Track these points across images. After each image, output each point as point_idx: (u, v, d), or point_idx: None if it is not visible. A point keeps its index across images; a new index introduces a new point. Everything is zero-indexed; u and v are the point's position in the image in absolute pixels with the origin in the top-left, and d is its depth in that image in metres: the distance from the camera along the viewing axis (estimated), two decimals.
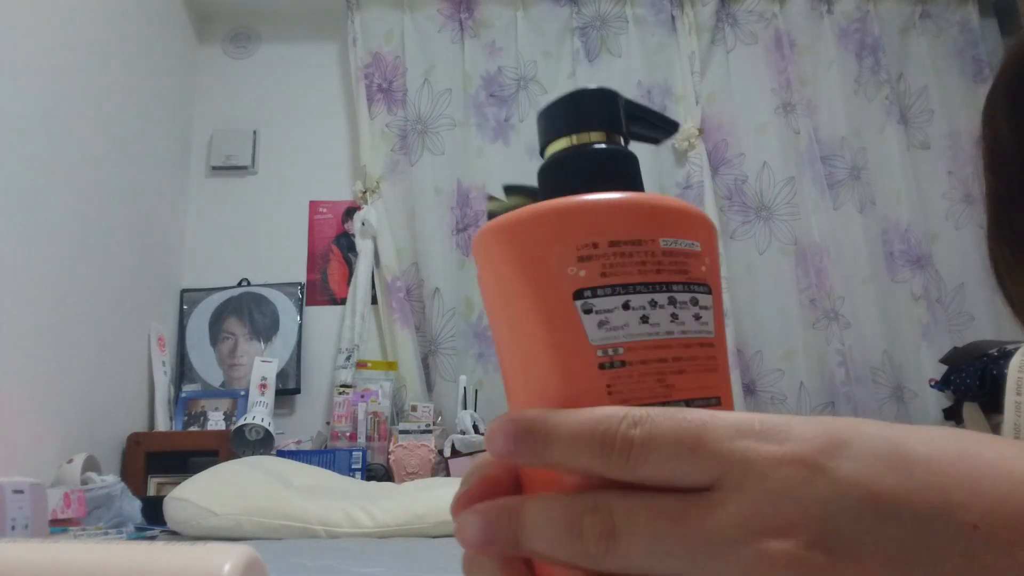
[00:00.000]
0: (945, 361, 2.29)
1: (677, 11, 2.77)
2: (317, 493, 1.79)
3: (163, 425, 2.31)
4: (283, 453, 2.20)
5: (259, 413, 2.25)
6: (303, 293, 2.62)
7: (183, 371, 2.51)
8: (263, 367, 2.41)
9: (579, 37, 2.75)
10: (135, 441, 2.16)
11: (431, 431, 2.24)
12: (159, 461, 2.14)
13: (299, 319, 2.58)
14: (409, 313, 2.53)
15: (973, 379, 2.11)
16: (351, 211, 2.68)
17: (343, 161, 2.75)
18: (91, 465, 1.81)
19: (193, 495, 1.70)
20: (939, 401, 2.42)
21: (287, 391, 2.51)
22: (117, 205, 2.17)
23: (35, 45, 1.79)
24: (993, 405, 2.04)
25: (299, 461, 2.06)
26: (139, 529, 1.72)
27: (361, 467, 2.18)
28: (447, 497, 1.20)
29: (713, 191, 2.62)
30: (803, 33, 2.77)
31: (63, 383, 1.86)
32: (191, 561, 0.39)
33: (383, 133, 2.68)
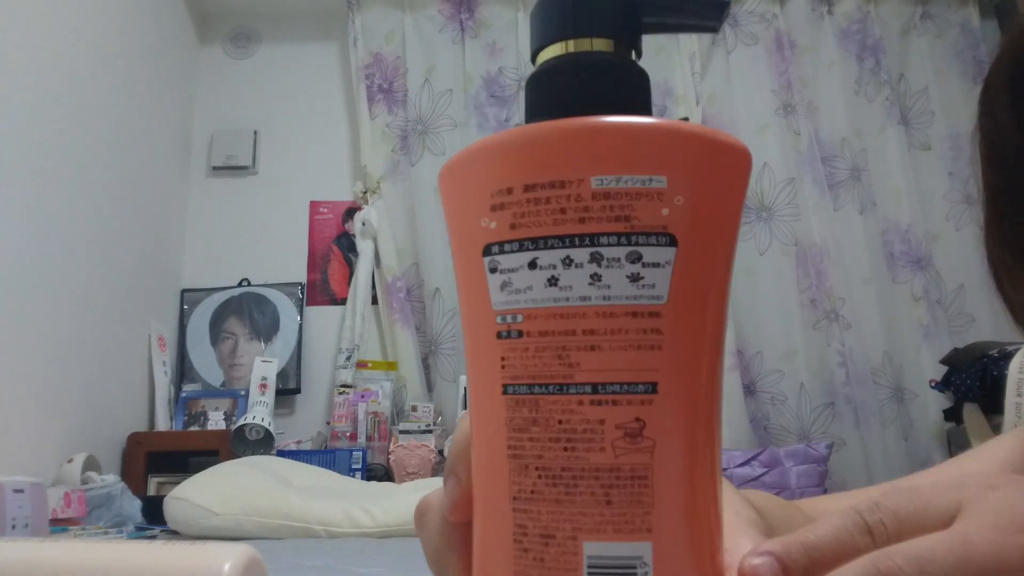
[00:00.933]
0: (945, 362, 2.29)
1: None
2: (317, 493, 1.79)
3: (163, 425, 2.31)
4: (283, 453, 2.20)
5: (259, 413, 2.25)
6: (303, 293, 2.62)
7: (183, 371, 2.52)
8: (263, 367, 2.42)
9: None
10: (135, 441, 2.16)
11: (431, 431, 2.25)
12: (159, 461, 2.14)
13: (299, 319, 2.58)
14: (409, 313, 2.54)
15: (973, 380, 2.11)
16: (352, 211, 2.68)
17: (344, 161, 2.76)
18: (91, 465, 1.81)
19: (193, 495, 1.70)
20: (939, 402, 2.42)
21: (287, 391, 2.51)
22: (117, 205, 2.17)
23: (35, 45, 1.79)
24: (993, 406, 2.04)
25: (299, 461, 2.06)
26: (139, 529, 1.72)
27: (361, 467, 2.19)
28: None
29: None
30: (804, 34, 2.77)
31: (63, 383, 1.86)
32: (191, 560, 0.39)
33: (384, 133, 2.68)
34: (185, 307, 2.58)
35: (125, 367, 2.21)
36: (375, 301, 2.60)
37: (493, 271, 0.22)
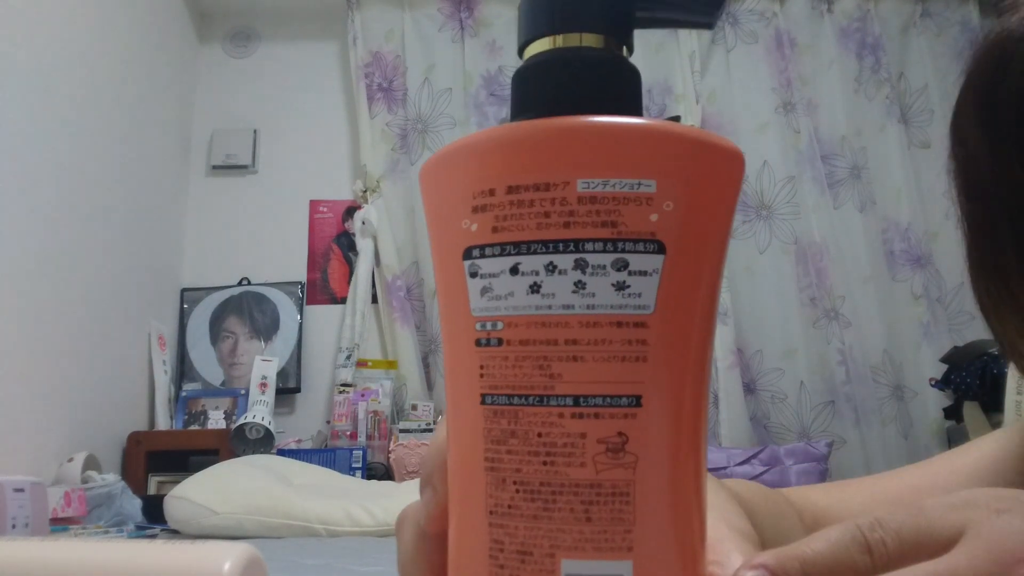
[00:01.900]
0: (945, 360, 2.29)
1: None
2: (317, 492, 1.79)
3: (163, 424, 2.31)
4: (283, 452, 2.20)
5: (259, 412, 2.25)
6: (303, 292, 2.62)
7: (183, 370, 2.52)
8: (263, 366, 2.42)
9: None
10: (135, 440, 2.16)
11: (431, 430, 2.24)
12: (159, 460, 2.14)
13: (299, 318, 2.58)
14: (409, 312, 2.54)
15: (973, 378, 2.11)
16: (351, 210, 2.68)
17: (343, 160, 2.75)
18: (91, 464, 1.82)
19: (193, 494, 1.71)
20: (939, 400, 2.42)
21: (287, 390, 2.51)
22: (117, 204, 2.17)
23: (34, 44, 1.79)
24: (993, 404, 2.04)
25: (299, 460, 2.06)
26: (139, 528, 1.72)
27: (361, 466, 2.19)
28: None
29: None
30: (803, 32, 2.77)
31: (63, 382, 1.86)
32: (191, 559, 0.39)
33: (383, 132, 2.68)
34: (185, 306, 2.58)
35: (125, 366, 2.21)
36: (375, 300, 2.60)
37: (473, 275, 0.21)
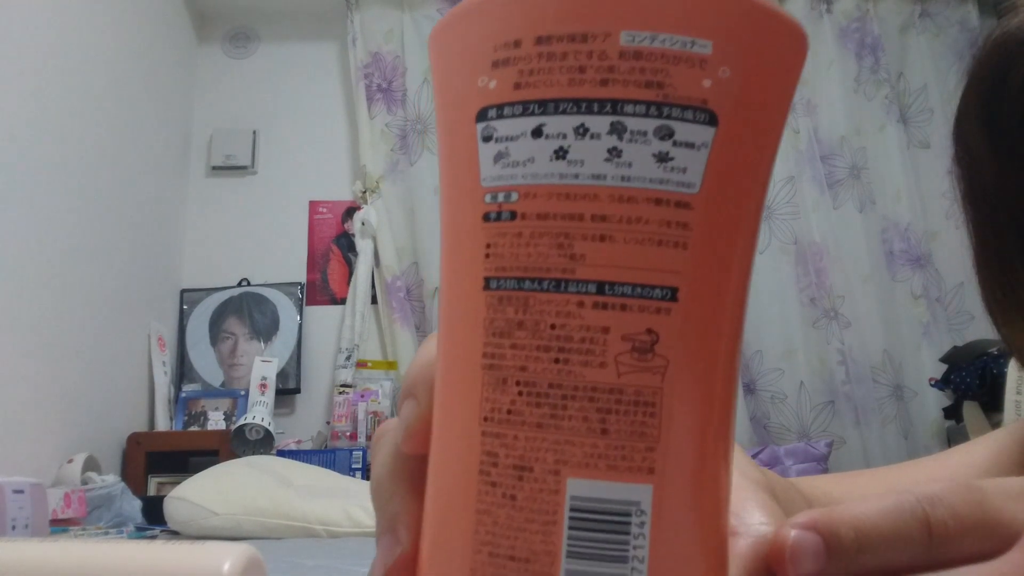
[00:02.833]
0: (945, 360, 2.29)
1: None
2: (317, 493, 1.79)
3: (163, 425, 2.31)
4: (283, 453, 2.20)
5: (259, 413, 2.25)
6: (303, 293, 2.62)
7: (183, 371, 2.52)
8: (263, 367, 2.42)
9: None
10: (135, 441, 2.16)
11: None
12: (159, 461, 2.14)
13: (299, 319, 2.58)
14: (409, 313, 2.54)
15: (973, 378, 2.11)
16: (351, 211, 2.68)
17: (343, 161, 2.76)
18: (91, 465, 1.81)
19: (193, 495, 1.71)
20: (939, 400, 2.43)
21: (287, 391, 2.51)
22: (117, 205, 2.17)
23: (34, 44, 1.79)
24: (993, 404, 2.04)
25: (299, 461, 2.06)
26: (139, 529, 1.72)
27: (361, 466, 2.19)
28: None
29: None
30: None
31: (63, 383, 1.86)
32: (191, 560, 0.39)
33: (383, 133, 2.68)
34: (185, 307, 2.58)
35: (125, 367, 2.21)
36: (375, 301, 2.60)
37: (487, 139, 0.18)
